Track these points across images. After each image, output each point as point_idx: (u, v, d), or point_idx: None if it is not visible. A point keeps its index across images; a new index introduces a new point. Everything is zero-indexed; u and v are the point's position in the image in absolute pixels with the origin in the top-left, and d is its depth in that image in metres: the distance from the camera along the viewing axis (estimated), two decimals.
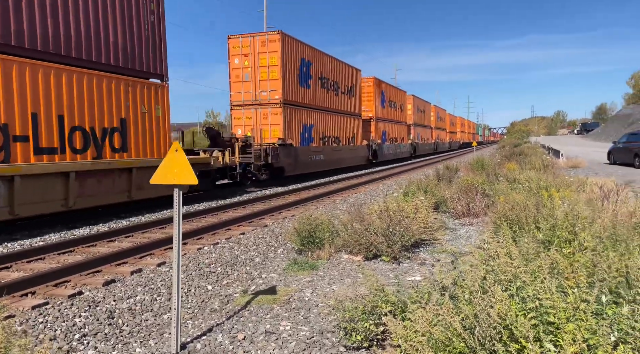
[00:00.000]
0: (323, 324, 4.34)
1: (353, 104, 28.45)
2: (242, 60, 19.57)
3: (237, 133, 19.14)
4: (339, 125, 25.84)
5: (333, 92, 25.19)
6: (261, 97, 19.50)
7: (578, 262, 3.14)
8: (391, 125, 37.13)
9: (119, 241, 8.25)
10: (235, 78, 19.88)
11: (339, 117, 25.96)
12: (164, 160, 3.77)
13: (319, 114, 23.04)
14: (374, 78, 33.07)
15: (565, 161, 22.03)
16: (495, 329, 2.28)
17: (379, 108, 33.96)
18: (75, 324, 4.49)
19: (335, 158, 24.77)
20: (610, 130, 73.19)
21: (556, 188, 8.18)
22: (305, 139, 21.42)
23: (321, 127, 23.38)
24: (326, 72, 24.16)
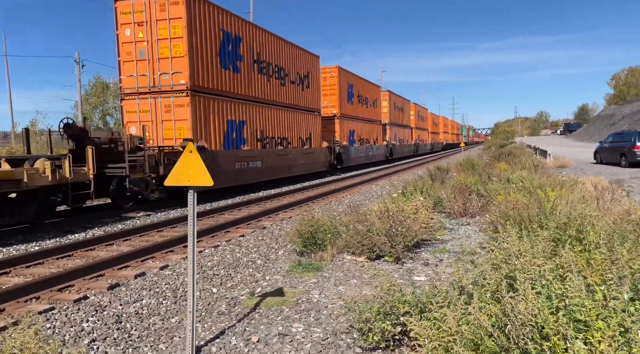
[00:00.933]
0: (335, 325, 4.35)
1: (308, 98, 22.99)
2: (135, 31, 14.18)
3: (131, 132, 14.07)
4: (287, 122, 20.40)
5: (277, 81, 19.61)
6: (162, 81, 14.14)
7: (595, 260, 3.20)
8: (362, 124, 32.15)
9: (117, 245, 8.15)
10: (127, 57, 14.42)
11: (288, 112, 20.54)
12: (178, 161, 3.74)
13: (254, 108, 17.58)
14: (337, 68, 27.19)
15: (553, 161, 22.37)
16: (527, 327, 2.31)
17: (345, 104, 28.62)
18: (83, 329, 4.43)
19: (280, 165, 19.39)
20: (592, 130, 74.56)
21: (550, 188, 8.31)
22: (231, 141, 16.03)
23: (259, 125, 17.91)
24: (266, 54, 18.62)
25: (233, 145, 16.12)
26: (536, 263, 2.79)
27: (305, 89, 22.75)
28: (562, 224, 4.28)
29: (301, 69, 22.32)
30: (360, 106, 31.94)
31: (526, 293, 2.38)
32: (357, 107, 31.30)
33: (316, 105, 24.36)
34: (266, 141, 18.58)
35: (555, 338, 2.28)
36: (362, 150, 31.79)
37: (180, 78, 13.97)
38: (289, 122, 20.77)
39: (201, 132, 14.28)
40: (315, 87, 24.24)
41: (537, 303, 2.33)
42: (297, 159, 21.12)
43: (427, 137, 61.25)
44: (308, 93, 23.16)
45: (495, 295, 2.84)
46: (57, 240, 8.80)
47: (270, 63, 19.11)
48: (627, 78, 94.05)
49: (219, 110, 15.34)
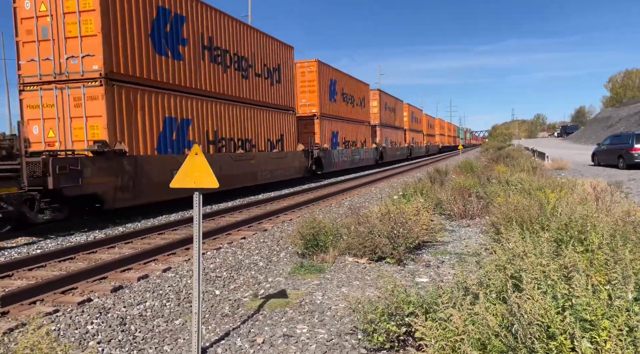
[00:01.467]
0: (340, 326, 4.37)
1: (280, 94, 19.96)
2: (37, 3, 11.15)
3: (33, 132, 11.32)
4: (251, 122, 17.39)
5: (238, 73, 16.46)
6: (70, 67, 11.08)
7: (598, 260, 3.23)
8: (347, 124, 29.13)
9: (119, 248, 8.16)
10: (27, 36, 11.33)
11: (252, 110, 17.50)
12: (183, 163, 3.77)
13: (205, 104, 14.49)
14: (316, 62, 24.04)
15: (551, 163, 22.46)
16: (534, 327, 2.34)
17: (327, 103, 25.57)
18: (88, 332, 4.44)
19: (241, 172, 16.16)
20: (589, 132, 74.85)
21: (550, 189, 8.36)
22: (170, 144, 12.80)
23: (211, 125, 14.79)
24: (222, 40, 15.45)
25: (173, 149, 12.86)
26: (541, 263, 2.83)
27: (275, 84, 19.48)
28: (564, 225, 4.32)
29: (270, 61, 19.03)
30: (345, 105, 29.04)
31: (532, 293, 2.41)
32: (342, 106, 28.45)
33: (289, 102, 21.00)
34: (221, 144, 15.35)
35: (561, 337, 2.31)
36: (346, 154, 28.64)
37: (92, 62, 10.85)
38: (253, 121, 17.57)
39: (122, 132, 11.24)
40: (288, 82, 20.86)
41: (543, 302, 2.36)
42: (263, 165, 17.95)
43: (421, 140, 58.53)
44: (279, 89, 19.91)
45: (500, 295, 2.87)
46: (58, 243, 8.80)
47: (227, 51, 15.73)
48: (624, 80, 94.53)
49: (151, 105, 12.04)
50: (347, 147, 29.17)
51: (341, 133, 28.11)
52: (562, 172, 19.13)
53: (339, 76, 28.23)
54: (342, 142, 28.33)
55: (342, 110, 28.48)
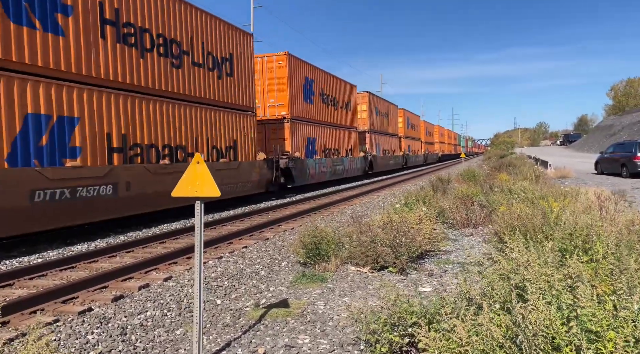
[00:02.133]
0: (342, 337, 4.33)
1: (232, 90, 15.96)
2: None
3: None
4: (187, 124, 13.42)
5: (164, 59, 12.58)
6: None
7: (603, 269, 3.20)
8: (327, 130, 25.42)
9: (120, 257, 8.13)
10: None
11: (189, 109, 13.54)
12: (185, 172, 3.76)
13: (102, 97, 10.67)
14: (286, 55, 20.41)
15: (554, 171, 22.40)
16: (539, 338, 2.30)
17: (300, 104, 21.88)
18: (88, 342, 4.41)
19: (165, 189, 10.25)
20: (592, 141, 74.79)
21: (553, 198, 8.33)
22: (34, 151, 9.09)
23: (113, 125, 10.89)
24: (131, 11, 11.65)
25: (41, 159, 9.15)
26: (545, 273, 2.79)
27: (225, 78, 15.54)
28: (568, 234, 4.28)
29: (218, 49, 15.17)
30: (324, 108, 25.27)
31: (537, 304, 2.38)
32: (320, 108, 24.64)
33: (246, 101, 16.86)
34: (134, 152, 11.47)
35: (567, 349, 2.27)
36: (326, 164, 24.51)
37: None
38: (190, 123, 13.60)
39: None
40: (245, 77, 16.79)
41: (548, 313, 2.33)
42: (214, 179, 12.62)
43: (419, 148, 54.46)
44: (231, 84, 15.91)
45: (504, 306, 2.84)
46: (59, 252, 8.78)
47: (146, 31, 11.96)
48: (626, 89, 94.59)
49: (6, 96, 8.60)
50: (328, 156, 25.19)
51: (320, 140, 24.26)
52: (565, 180, 19.07)
53: (317, 74, 24.29)
54: (321, 150, 24.40)
55: (320, 113, 24.69)
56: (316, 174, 23.14)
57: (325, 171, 24.47)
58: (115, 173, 10.77)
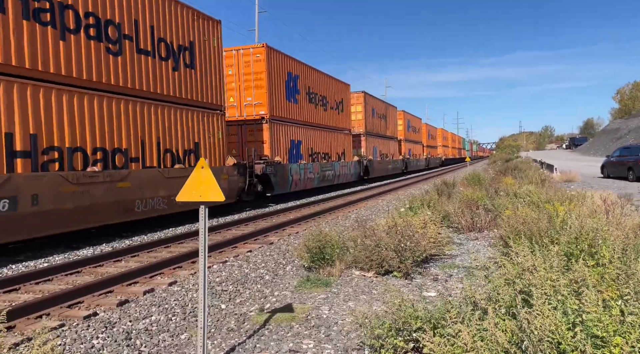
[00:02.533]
0: (346, 341, 4.31)
1: (193, 84, 13.70)
2: None
3: None
4: (128, 123, 11.35)
5: (91, 41, 10.46)
6: None
7: (609, 274, 3.18)
8: (316, 132, 23.15)
9: (126, 261, 8.16)
10: None
11: (130, 104, 11.43)
12: (189, 177, 3.78)
13: None
14: (265, 48, 18.28)
15: (560, 175, 22.29)
16: (545, 343, 2.29)
17: (282, 103, 19.68)
18: (93, 346, 4.42)
19: (93, 203, 9.96)
20: (598, 144, 74.40)
21: (559, 202, 8.28)
22: None
23: (20, 125, 8.81)
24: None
25: None
26: (551, 278, 2.78)
27: (182, 70, 13.24)
28: (573, 238, 4.26)
29: (172, 34, 12.89)
30: (312, 107, 22.98)
31: (542, 309, 2.36)
32: (307, 108, 22.33)
33: (212, 98, 14.57)
34: (48, 157, 9.30)
35: None
36: (313, 169, 22.03)
37: None
38: (133, 122, 11.42)
39: None
40: (210, 70, 14.47)
41: (553, 318, 2.31)
42: (148, 189, 11.50)
43: (420, 151, 51.68)
44: (191, 77, 13.61)
45: (510, 311, 2.82)
46: (65, 256, 8.82)
47: (64, 6, 9.82)
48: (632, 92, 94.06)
49: None
50: (316, 160, 22.86)
51: (306, 143, 21.97)
52: (571, 184, 18.96)
53: (303, 70, 21.93)
54: (308, 154, 22.06)
55: (307, 113, 22.34)
56: (301, 181, 20.75)
57: (312, 177, 21.97)
58: (13, 183, 8.34)
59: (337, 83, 27.00)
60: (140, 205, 11.34)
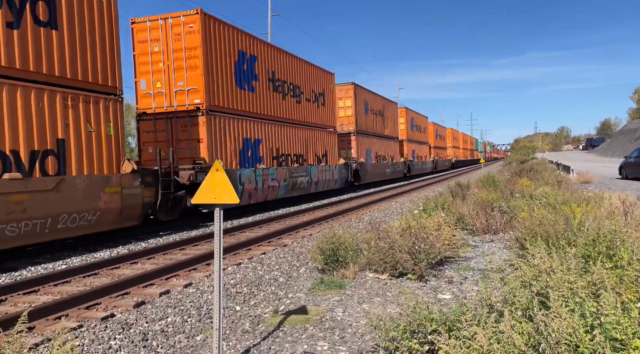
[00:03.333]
0: (361, 344, 4.31)
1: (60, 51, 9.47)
2: None
3: None
4: None
5: None
6: None
7: (628, 276, 3.13)
8: (284, 128, 18.68)
9: (142, 263, 8.26)
10: None
11: None
12: (205, 180, 3.82)
13: None
14: (200, 14, 13.68)
15: (577, 176, 21.97)
16: (562, 346, 2.26)
17: (228, 89, 15.08)
18: (111, 347, 4.48)
19: None
20: (616, 145, 73.16)
21: (576, 203, 8.17)
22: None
23: None
24: None
25: None
26: (568, 280, 2.75)
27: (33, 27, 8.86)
28: (591, 240, 4.20)
29: None
30: (278, 98, 18.33)
31: (560, 311, 2.34)
32: (269, 98, 17.68)
33: (95, 74, 10.22)
34: None
35: None
36: (277, 176, 17.58)
37: None
38: None
39: None
40: (90, 30, 10.09)
41: (571, 321, 2.29)
42: None
43: (426, 153, 46.72)
44: (52, 40, 9.25)
45: (526, 313, 2.80)
46: (82, 258, 8.96)
47: None
48: None
49: None
50: (283, 164, 18.37)
51: (269, 142, 17.47)
52: (588, 185, 18.68)
53: (264, 50, 17.35)
54: (271, 156, 17.58)
55: (269, 105, 17.63)
56: (259, 190, 16.25)
57: (275, 185, 17.53)
58: None
59: (316, 70, 22.32)
60: None
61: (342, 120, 26.47)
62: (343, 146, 27.05)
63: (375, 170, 29.83)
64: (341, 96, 26.80)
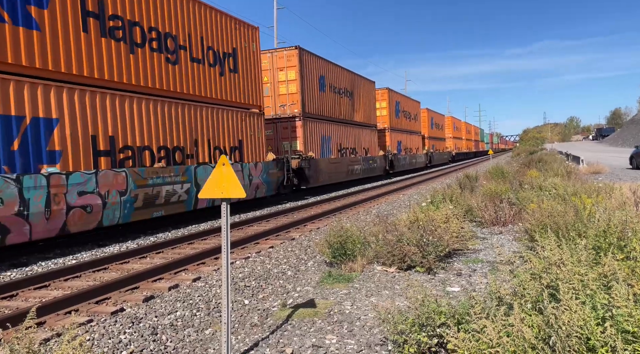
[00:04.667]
0: (369, 337, 4.30)
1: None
2: None
3: None
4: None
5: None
6: None
7: (639, 267, 3.08)
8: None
9: (150, 258, 8.30)
10: None
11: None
12: (211, 174, 3.81)
13: None
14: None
15: (586, 167, 21.75)
16: (573, 339, 2.23)
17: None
18: (121, 341, 4.51)
19: None
20: (626, 135, 72.32)
21: (586, 194, 8.08)
22: None
23: None
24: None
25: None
26: (579, 272, 2.71)
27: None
28: (602, 231, 4.15)
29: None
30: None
31: (570, 303, 2.31)
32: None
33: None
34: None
35: (602, 350, 2.20)
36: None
37: None
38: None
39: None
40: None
41: (582, 313, 2.26)
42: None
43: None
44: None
45: (536, 306, 2.76)
46: (92, 253, 9.02)
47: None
48: None
49: None
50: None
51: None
52: (598, 176, 18.49)
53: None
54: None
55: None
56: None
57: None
58: None
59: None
60: None
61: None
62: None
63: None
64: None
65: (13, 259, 8.63)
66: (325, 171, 21.13)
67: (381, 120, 31.33)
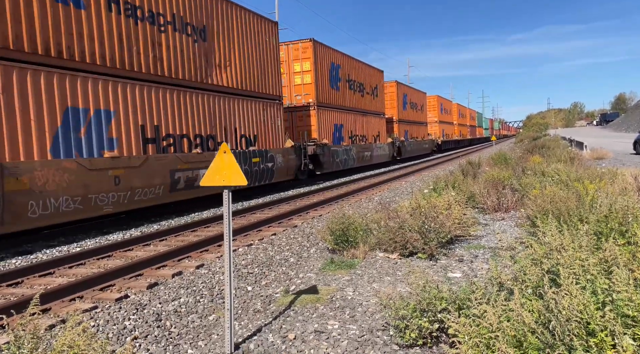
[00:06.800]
0: (371, 322, 4.34)
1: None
2: None
3: None
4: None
5: None
6: None
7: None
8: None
9: (154, 245, 8.36)
10: None
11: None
12: (212, 162, 3.81)
13: None
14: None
15: (590, 152, 21.65)
16: (573, 323, 2.25)
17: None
18: (125, 327, 4.56)
19: None
20: (631, 120, 71.85)
21: (589, 180, 8.06)
22: None
23: None
24: None
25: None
26: (580, 257, 2.72)
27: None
28: (603, 217, 4.14)
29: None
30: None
31: (570, 288, 2.32)
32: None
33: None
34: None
35: (602, 334, 2.21)
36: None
37: None
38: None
39: None
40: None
41: (582, 298, 2.27)
42: None
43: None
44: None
45: (536, 291, 2.78)
46: (96, 241, 9.09)
47: None
48: None
49: None
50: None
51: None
52: (601, 161, 18.42)
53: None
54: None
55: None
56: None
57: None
58: None
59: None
60: None
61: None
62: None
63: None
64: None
65: (18, 247, 8.71)
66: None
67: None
